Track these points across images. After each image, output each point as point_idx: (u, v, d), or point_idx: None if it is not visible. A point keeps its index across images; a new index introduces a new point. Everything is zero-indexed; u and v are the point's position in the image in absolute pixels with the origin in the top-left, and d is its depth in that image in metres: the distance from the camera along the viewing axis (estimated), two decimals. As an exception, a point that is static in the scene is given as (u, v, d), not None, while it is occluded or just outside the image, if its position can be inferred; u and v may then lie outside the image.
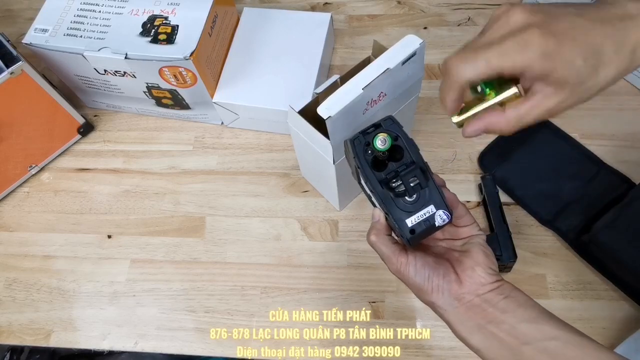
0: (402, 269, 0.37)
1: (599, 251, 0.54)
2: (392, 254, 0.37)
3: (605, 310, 0.54)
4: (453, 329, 0.36)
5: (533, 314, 0.34)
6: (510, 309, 0.34)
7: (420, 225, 0.35)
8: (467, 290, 0.35)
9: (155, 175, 0.68)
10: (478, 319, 0.35)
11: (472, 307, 0.35)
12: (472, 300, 0.35)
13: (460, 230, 0.39)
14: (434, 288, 0.36)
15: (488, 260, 0.37)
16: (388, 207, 0.35)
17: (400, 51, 0.46)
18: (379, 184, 0.36)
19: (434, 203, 0.35)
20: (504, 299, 0.35)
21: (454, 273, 0.36)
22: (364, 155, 0.36)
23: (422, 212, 0.35)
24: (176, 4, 0.62)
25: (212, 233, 0.63)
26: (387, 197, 0.36)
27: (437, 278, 0.36)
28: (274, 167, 0.67)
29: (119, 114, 0.74)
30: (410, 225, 0.35)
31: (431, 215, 0.35)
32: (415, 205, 0.35)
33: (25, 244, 0.65)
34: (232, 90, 0.64)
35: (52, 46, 0.61)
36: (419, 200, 0.35)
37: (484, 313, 0.35)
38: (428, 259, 0.37)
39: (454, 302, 0.36)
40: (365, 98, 0.45)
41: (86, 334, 0.59)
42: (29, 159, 0.68)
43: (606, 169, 0.60)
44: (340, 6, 0.80)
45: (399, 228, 0.35)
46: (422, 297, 0.37)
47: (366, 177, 0.36)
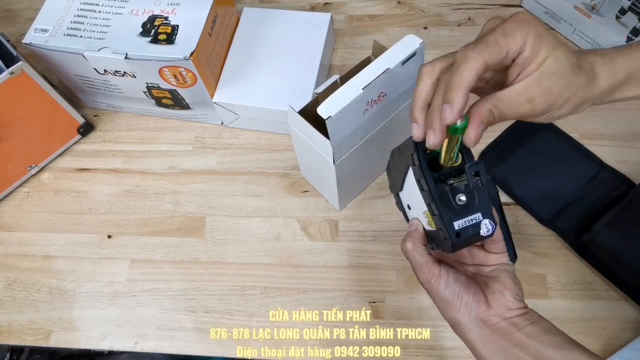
0: (432, 281, 0.37)
1: (599, 251, 0.54)
2: (425, 264, 0.37)
3: (605, 310, 0.54)
4: (475, 349, 0.36)
5: (559, 341, 0.34)
6: (537, 334, 0.34)
7: (467, 230, 0.35)
8: (494, 313, 0.35)
9: (155, 175, 0.68)
10: (503, 342, 0.35)
11: (497, 330, 0.35)
12: (498, 323, 0.35)
13: (490, 256, 0.39)
14: (462, 305, 0.36)
15: (516, 288, 0.37)
16: (438, 206, 0.35)
17: (400, 51, 0.46)
18: (432, 181, 0.35)
19: (481, 211, 0.35)
20: (530, 324, 0.35)
21: (483, 295, 0.37)
22: (424, 154, 0.35)
23: (470, 217, 0.35)
24: (176, 4, 0.62)
25: (212, 233, 0.63)
26: (440, 195, 0.35)
27: (467, 296, 0.36)
28: (274, 167, 0.67)
29: (119, 114, 0.74)
30: (457, 228, 0.35)
31: (477, 222, 0.35)
32: (463, 210, 0.35)
33: (25, 244, 0.65)
34: (232, 90, 0.64)
35: (52, 46, 0.61)
36: (468, 205, 0.35)
37: (510, 336, 0.35)
38: (460, 275, 0.37)
39: (479, 322, 0.36)
40: (365, 98, 0.45)
41: (86, 334, 0.59)
42: (29, 159, 0.68)
43: (606, 169, 0.60)
44: (340, 6, 0.80)
45: (445, 230, 0.35)
46: (448, 312, 0.37)
47: (421, 173, 0.35)
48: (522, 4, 0.75)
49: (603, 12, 0.63)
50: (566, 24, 0.70)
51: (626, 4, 0.60)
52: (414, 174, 0.37)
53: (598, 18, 0.65)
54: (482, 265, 0.39)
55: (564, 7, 0.68)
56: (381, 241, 0.60)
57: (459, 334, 0.37)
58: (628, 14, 0.60)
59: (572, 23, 0.69)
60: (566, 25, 0.70)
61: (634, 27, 0.61)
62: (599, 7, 0.63)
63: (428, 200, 0.36)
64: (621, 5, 0.60)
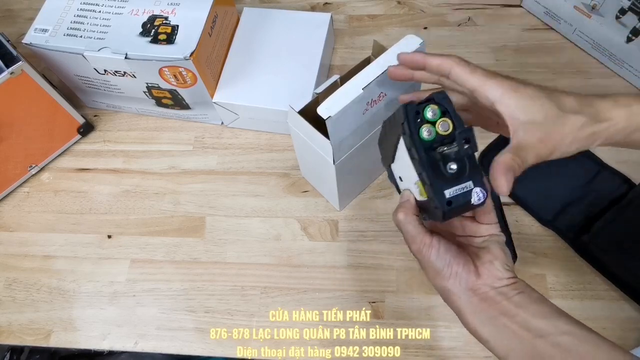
0: (424, 250, 0.37)
1: (599, 251, 0.54)
2: (417, 234, 0.37)
3: (605, 310, 0.54)
4: (464, 318, 0.36)
5: (547, 310, 0.35)
6: (525, 304, 0.35)
7: (458, 199, 0.34)
8: (483, 282, 0.36)
9: (155, 175, 0.68)
10: (491, 311, 0.35)
11: (486, 299, 0.35)
12: (487, 292, 0.36)
13: (481, 227, 0.39)
14: (452, 274, 0.36)
15: (506, 258, 0.37)
16: (428, 174, 0.35)
17: (400, 51, 0.45)
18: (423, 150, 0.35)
19: (472, 179, 0.35)
20: (518, 294, 0.35)
21: (473, 264, 0.37)
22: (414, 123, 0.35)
23: (461, 185, 0.35)
24: (176, 4, 0.62)
25: (212, 233, 0.63)
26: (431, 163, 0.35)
27: (457, 266, 0.36)
28: (274, 167, 0.67)
29: (119, 114, 0.74)
30: (448, 197, 0.34)
31: (469, 190, 0.35)
32: (454, 179, 0.35)
33: (25, 244, 0.65)
34: (232, 90, 0.64)
35: (52, 46, 0.61)
36: (459, 174, 0.35)
37: (498, 305, 0.35)
38: (451, 246, 0.38)
39: (469, 292, 0.36)
40: (365, 98, 0.45)
41: (86, 334, 0.59)
42: (29, 159, 0.68)
43: (606, 169, 0.60)
44: (340, 6, 0.80)
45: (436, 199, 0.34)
46: (438, 281, 0.37)
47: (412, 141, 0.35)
48: (522, 4, 0.75)
49: (603, 12, 0.63)
50: (566, 24, 0.70)
51: (626, 4, 0.60)
52: (405, 143, 0.37)
53: (598, 18, 0.65)
54: (473, 236, 0.40)
55: (564, 7, 0.68)
56: (381, 241, 0.60)
57: (448, 302, 0.37)
58: (628, 14, 0.60)
59: (572, 23, 0.69)
60: (566, 25, 0.70)
61: (634, 27, 0.61)
62: (599, 7, 0.63)
63: (419, 169, 0.35)
64: (621, 5, 0.60)
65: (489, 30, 0.74)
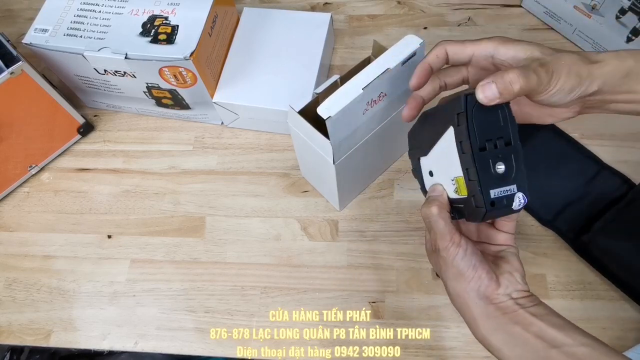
0: (452, 249, 0.37)
1: (599, 251, 0.54)
2: (448, 231, 0.37)
3: (605, 310, 0.54)
4: (475, 324, 0.36)
5: (563, 322, 0.35)
6: (541, 314, 0.35)
7: (501, 201, 0.34)
8: (502, 292, 0.36)
9: (155, 175, 0.68)
10: (506, 319, 0.35)
11: (502, 308, 0.35)
12: (504, 302, 0.36)
13: (499, 235, 0.39)
14: (475, 278, 0.36)
15: (523, 271, 0.38)
16: (478, 171, 0.34)
17: (400, 51, 0.46)
18: (478, 144, 0.34)
19: (517, 183, 0.34)
20: (534, 305, 0.35)
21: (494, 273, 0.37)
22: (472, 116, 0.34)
23: (506, 187, 0.34)
24: (176, 4, 0.62)
25: (212, 233, 0.63)
26: (481, 161, 0.34)
27: (482, 271, 0.36)
28: (274, 167, 0.67)
29: (119, 114, 0.74)
30: (493, 197, 0.34)
31: (512, 194, 0.34)
32: (500, 179, 0.34)
33: (25, 244, 0.65)
34: (232, 90, 0.64)
35: (52, 46, 0.61)
36: (505, 175, 0.34)
37: (514, 314, 0.35)
38: (477, 249, 0.37)
39: (485, 299, 0.36)
40: (365, 98, 0.45)
41: (86, 334, 0.59)
42: (29, 159, 0.68)
43: (606, 169, 0.60)
44: (340, 6, 0.80)
45: (481, 197, 0.34)
46: (457, 283, 0.37)
47: (468, 134, 0.34)
48: (522, 4, 0.75)
49: (603, 12, 0.63)
50: (566, 24, 0.70)
51: (626, 4, 0.60)
52: (456, 135, 0.35)
53: (598, 18, 0.65)
54: (488, 243, 0.39)
55: (564, 7, 0.68)
56: (381, 241, 0.60)
57: (461, 307, 0.37)
58: (628, 14, 0.60)
59: (572, 23, 0.69)
60: (566, 25, 0.70)
61: (634, 27, 0.61)
62: (599, 7, 0.63)
63: (467, 164, 0.34)
64: (621, 5, 0.60)
65: (489, 30, 0.74)
